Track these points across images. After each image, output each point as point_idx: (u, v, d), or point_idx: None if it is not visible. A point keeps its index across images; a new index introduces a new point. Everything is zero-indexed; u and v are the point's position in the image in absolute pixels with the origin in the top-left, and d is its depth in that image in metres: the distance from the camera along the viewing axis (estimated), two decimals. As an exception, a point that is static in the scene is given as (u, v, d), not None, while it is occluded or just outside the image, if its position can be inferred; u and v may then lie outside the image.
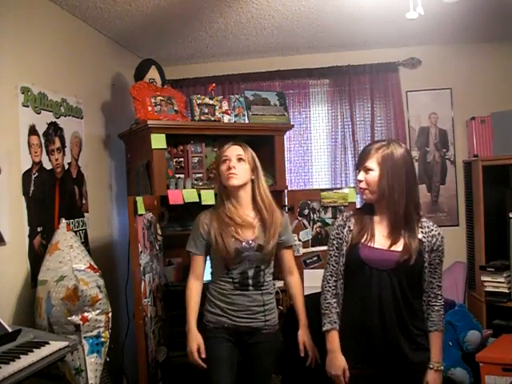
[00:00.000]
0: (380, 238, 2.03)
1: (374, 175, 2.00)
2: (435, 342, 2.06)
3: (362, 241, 2.03)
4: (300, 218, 3.47)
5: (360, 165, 2.06)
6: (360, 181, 2.05)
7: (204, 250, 2.35)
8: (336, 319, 2.08)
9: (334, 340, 2.07)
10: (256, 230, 2.30)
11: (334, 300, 2.09)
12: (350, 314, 2.06)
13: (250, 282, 2.28)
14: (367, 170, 2.02)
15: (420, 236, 2.03)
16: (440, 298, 2.08)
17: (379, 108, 4.15)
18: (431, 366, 2.04)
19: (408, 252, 1.97)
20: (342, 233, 2.10)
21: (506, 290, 3.52)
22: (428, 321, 2.07)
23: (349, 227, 2.09)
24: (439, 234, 2.07)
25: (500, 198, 3.76)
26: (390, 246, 2.00)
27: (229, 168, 2.27)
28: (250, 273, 2.28)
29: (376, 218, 2.07)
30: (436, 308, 2.06)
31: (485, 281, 3.61)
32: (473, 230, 3.88)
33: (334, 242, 2.13)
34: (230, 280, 2.28)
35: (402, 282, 1.98)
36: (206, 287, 2.40)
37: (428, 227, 2.06)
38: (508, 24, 3.59)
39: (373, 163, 2.00)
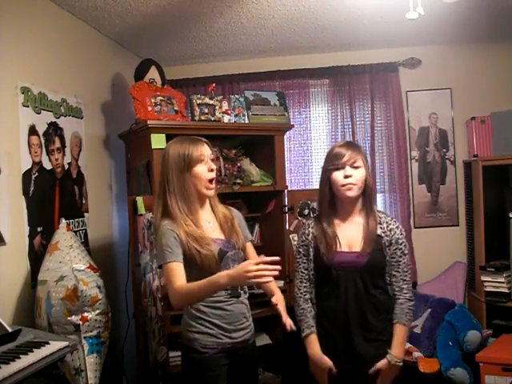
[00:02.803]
0: (345, 240, 2.08)
1: (363, 172, 2.07)
2: (396, 334, 2.06)
3: (327, 246, 2.07)
4: (300, 218, 3.47)
5: (346, 162, 2.05)
6: (349, 176, 2.05)
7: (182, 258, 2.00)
8: (312, 323, 2.12)
9: (313, 343, 2.10)
10: (221, 229, 2.10)
11: (308, 305, 2.14)
12: (321, 315, 2.10)
13: (239, 286, 2.06)
14: (356, 167, 2.06)
15: (379, 232, 2.09)
16: (405, 291, 2.10)
17: (379, 108, 4.15)
18: (388, 357, 2.03)
19: (371, 249, 2.05)
20: (307, 239, 2.16)
21: (506, 290, 3.52)
22: (392, 313, 2.10)
23: (312, 233, 2.15)
24: (397, 227, 2.12)
25: (500, 197, 3.76)
26: (356, 247, 2.06)
27: (212, 172, 2.04)
28: None
29: (338, 220, 2.13)
30: (399, 301, 2.09)
31: (485, 281, 3.61)
32: (473, 230, 3.88)
33: (301, 249, 2.18)
34: None
35: (365, 280, 2.04)
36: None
37: (386, 222, 2.12)
38: (508, 24, 3.59)
39: (360, 161, 2.07)
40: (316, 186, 4.12)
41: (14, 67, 2.52)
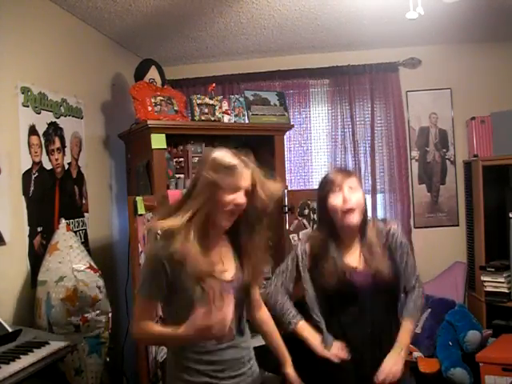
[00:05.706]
0: (357, 260, 1.98)
1: (360, 195, 1.92)
2: (404, 327, 1.98)
3: (346, 268, 1.95)
4: (300, 218, 3.47)
5: (342, 183, 1.93)
6: (347, 200, 1.89)
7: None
8: (296, 313, 2.02)
9: (306, 327, 2.00)
10: (232, 259, 1.78)
11: (285, 297, 2.05)
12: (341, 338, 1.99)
13: (234, 328, 1.70)
14: (352, 189, 1.91)
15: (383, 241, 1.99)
16: (418, 286, 2.03)
17: (379, 108, 4.15)
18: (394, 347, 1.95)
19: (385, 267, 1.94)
20: (300, 264, 2.04)
21: (506, 290, 3.52)
22: (403, 309, 2.03)
23: (303, 261, 2.03)
24: (395, 227, 2.01)
25: (500, 197, 3.76)
26: (370, 266, 1.95)
27: (238, 205, 1.67)
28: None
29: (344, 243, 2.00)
30: (413, 297, 2.02)
31: (485, 281, 3.61)
32: (473, 230, 3.88)
33: (289, 273, 2.08)
34: None
35: (384, 299, 1.96)
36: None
37: (381, 226, 2.02)
38: (508, 24, 3.59)
39: (355, 182, 1.94)
40: (316, 186, 4.14)
41: (14, 67, 2.52)
